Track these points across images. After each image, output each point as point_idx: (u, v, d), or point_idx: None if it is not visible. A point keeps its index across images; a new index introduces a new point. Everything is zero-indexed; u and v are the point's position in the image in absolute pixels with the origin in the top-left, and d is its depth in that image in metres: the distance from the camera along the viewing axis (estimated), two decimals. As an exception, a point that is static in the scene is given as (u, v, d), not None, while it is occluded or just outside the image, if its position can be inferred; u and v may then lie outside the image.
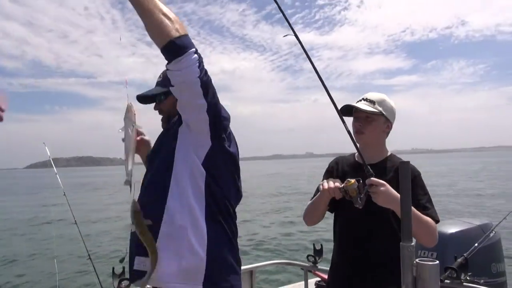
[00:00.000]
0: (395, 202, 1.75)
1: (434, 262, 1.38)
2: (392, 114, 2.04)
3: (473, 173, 39.74)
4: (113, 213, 18.10)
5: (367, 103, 2.01)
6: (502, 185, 24.91)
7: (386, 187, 1.77)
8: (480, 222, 3.41)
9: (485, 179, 30.35)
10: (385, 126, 2.03)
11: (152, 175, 1.74)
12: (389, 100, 2.05)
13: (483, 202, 17.13)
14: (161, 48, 1.57)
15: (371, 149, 2.04)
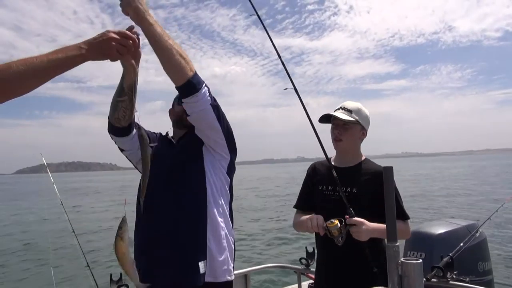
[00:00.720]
0: (375, 234, 1.93)
1: (418, 261, 1.46)
2: (367, 122, 2.21)
3: (461, 175, 40.06)
4: (109, 219, 17.97)
5: (344, 112, 2.15)
6: (489, 186, 25.15)
7: (366, 225, 1.91)
8: (466, 223, 3.50)
9: (473, 181, 30.60)
10: (360, 134, 2.20)
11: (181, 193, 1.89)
12: (364, 109, 2.20)
13: (471, 203, 17.30)
14: (178, 86, 1.78)
15: (347, 154, 2.21)
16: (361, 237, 1.91)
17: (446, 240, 3.14)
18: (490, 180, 30.84)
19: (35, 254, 10.99)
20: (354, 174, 2.13)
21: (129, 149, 2.02)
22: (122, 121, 1.87)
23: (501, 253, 7.65)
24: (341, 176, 2.10)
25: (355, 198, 2.04)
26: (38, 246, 12.06)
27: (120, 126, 1.89)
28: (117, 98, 1.80)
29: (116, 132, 1.94)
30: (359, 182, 2.09)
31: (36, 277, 8.82)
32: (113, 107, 1.84)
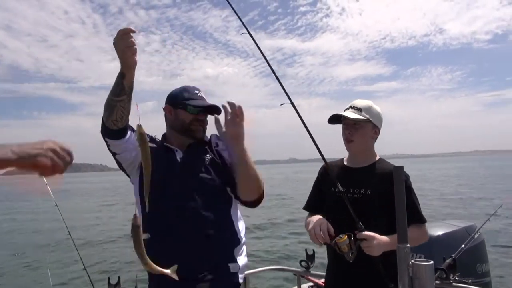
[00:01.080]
0: (388, 247, 1.84)
1: (429, 262, 1.45)
2: (379, 120, 2.11)
3: (453, 176, 40.39)
4: (103, 220, 17.82)
5: (354, 111, 2.07)
6: (480, 187, 25.41)
7: (377, 239, 1.82)
8: (464, 224, 3.51)
9: (465, 182, 30.88)
10: (373, 132, 2.10)
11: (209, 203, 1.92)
12: (375, 107, 2.11)
13: (465, 204, 17.43)
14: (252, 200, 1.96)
15: (361, 155, 2.12)
16: (373, 252, 1.82)
17: (446, 241, 3.15)
18: (482, 181, 31.18)
19: (31, 257, 10.86)
20: (368, 175, 2.05)
21: (122, 152, 1.92)
22: (119, 122, 1.77)
23: (497, 255, 7.72)
24: (354, 177, 2.05)
25: (370, 199, 1.97)
26: (33, 249, 11.89)
27: (116, 128, 1.78)
28: (115, 98, 1.71)
29: (112, 135, 1.82)
30: (372, 183, 2.01)
31: (32, 281, 8.71)
32: (110, 108, 1.74)
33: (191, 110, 1.98)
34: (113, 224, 16.62)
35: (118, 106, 1.72)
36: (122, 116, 1.76)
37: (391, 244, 1.82)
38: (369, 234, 1.82)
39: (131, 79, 1.70)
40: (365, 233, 1.82)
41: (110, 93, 1.72)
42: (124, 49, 1.59)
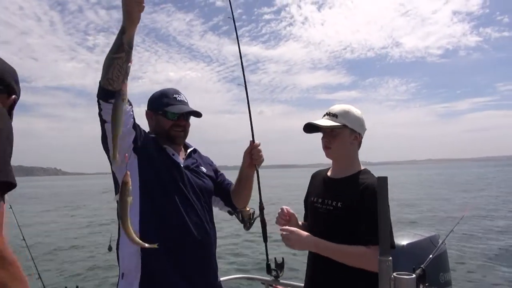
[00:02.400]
0: (312, 248, 1.87)
1: (411, 276, 1.44)
2: (358, 125, 2.02)
3: (409, 184, 41.60)
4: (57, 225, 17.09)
5: (329, 118, 2.01)
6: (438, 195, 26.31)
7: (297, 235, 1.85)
8: (428, 234, 3.56)
9: (423, 190, 31.89)
10: (352, 138, 2.01)
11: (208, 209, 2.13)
12: (354, 111, 2.03)
13: (425, 212, 17.98)
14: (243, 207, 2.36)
15: (341, 163, 2.05)
16: (290, 246, 1.85)
17: (412, 251, 3.17)
18: (438, 189, 32.29)
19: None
20: (343, 187, 1.97)
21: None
22: (115, 82, 1.69)
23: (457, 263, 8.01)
24: (331, 188, 2.01)
25: (339, 213, 1.90)
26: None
27: (111, 89, 1.70)
28: (113, 55, 1.64)
29: (106, 95, 1.73)
30: (345, 196, 1.92)
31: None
32: (107, 65, 1.67)
33: (170, 116, 1.99)
34: (68, 231, 15.90)
35: (115, 64, 1.65)
36: (118, 76, 1.67)
37: (319, 247, 1.84)
38: (290, 228, 1.86)
39: (132, 36, 1.64)
40: (286, 227, 1.88)
41: (110, 51, 1.65)
42: (133, 3, 1.55)
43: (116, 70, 1.66)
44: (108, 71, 1.67)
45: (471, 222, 13.19)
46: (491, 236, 11.76)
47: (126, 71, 1.66)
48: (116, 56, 1.64)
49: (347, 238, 1.85)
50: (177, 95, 2.08)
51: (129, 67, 1.66)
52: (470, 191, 29.63)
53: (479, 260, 8.90)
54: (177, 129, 2.03)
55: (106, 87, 1.71)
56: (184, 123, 2.05)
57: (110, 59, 1.66)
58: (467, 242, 10.49)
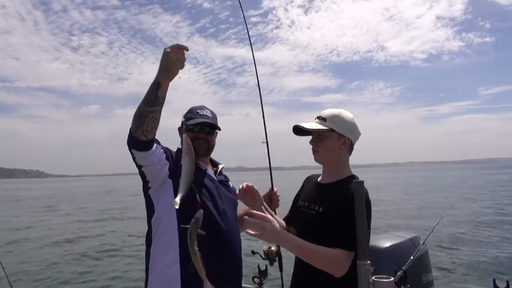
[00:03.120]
0: (284, 243, 1.75)
1: (389, 279, 1.44)
2: (347, 129, 1.96)
3: (393, 186, 42.06)
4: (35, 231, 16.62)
5: (319, 121, 1.97)
6: (419, 197, 26.63)
7: (272, 225, 1.69)
8: (410, 236, 3.60)
9: (405, 192, 32.20)
10: (340, 143, 1.96)
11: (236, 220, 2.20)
12: (343, 115, 1.97)
13: (407, 214, 18.14)
14: None
15: (330, 168, 2.01)
16: (260, 235, 1.68)
17: (394, 253, 3.20)
18: (420, 191, 32.68)
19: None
20: (328, 192, 1.93)
21: (148, 164, 1.92)
22: (149, 133, 1.78)
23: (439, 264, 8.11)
24: (317, 192, 1.99)
25: (320, 218, 1.87)
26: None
27: (146, 139, 1.79)
28: (149, 108, 1.71)
29: (140, 146, 1.82)
30: (328, 201, 1.88)
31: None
32: (141, 118, 1.73)
33: (190, 129, 2.08)
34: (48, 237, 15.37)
35: (150, 117, 1.73)
36: (152, 127, 1.77)
37: (291, 243, 1.73)
38: (264, 215, 1.71)
39: (166, 91, 1.73)
40: (259, 213, 1.73)
41: (143, 103, 1.72)
42: (176, 62, 1.66)
43: (151, 122, 1.74)
44: (143, 123, 1.73)
45: (452, 223, 13.37)
46: (472, 235, 11.97)
47: (159, 121, 1.77)
48: (152, 110, 1.72)
49: (325, 243, 1.79)
50: (201, 110, 2.17)
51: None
52: (450, 192, 30.09)
53: (461, 259, 9.03)
54: (198, 141, 2.09)
55: (140, 138, 1.77)
56: (203, 135, 2.12)
57: (145, 112, 1.72)
58: (448, 242, 10.63)
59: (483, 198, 24.49)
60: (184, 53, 1.69)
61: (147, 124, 1.74)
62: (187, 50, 1.69)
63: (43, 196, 47.15)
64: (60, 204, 31.51)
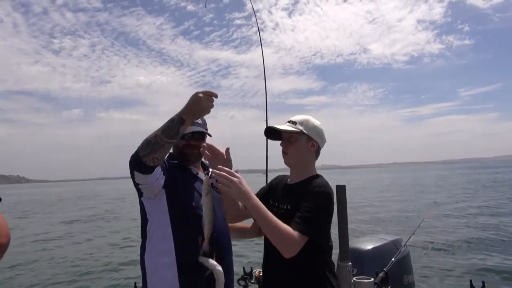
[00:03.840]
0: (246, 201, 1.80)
1: (369, 280, 1.50)
2: (315, 133, 2.11)
3: (375, 187, 42.35)
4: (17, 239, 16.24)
5: (289, 124, 2.12)
6: (402, 199, 26.84)
7: (242, 183, 1.78)
8: (392, 238, 3.67)
9: (387, 193, 32.41)
10: (309, 145, 2.10)
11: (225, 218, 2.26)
12: (312, 120, 2.14)
13: (390, 215, 18.23)
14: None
15: (297, 169, 2.14)
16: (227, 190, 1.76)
17: (376, 255, 3.26)
18: (403, 192, 32.94)
19: None
20: (294, 191, 2.06)
21: (147, 183, 1.99)
22: (158, 161, 1.87)
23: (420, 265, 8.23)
24: (285, 192, 2.11)
25: (288, 215, 1.93)
26: None
27: (153, 165, 1.87)
28: (167, 139, 1.81)
29: (145, 170, 1.89)
30: (295, 198, 1.98)
31: None
32: (156, 146, 1.81)
33: (182, 136, 2.12)
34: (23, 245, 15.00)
35: (166, 147, 1.83)
36: (163, 156, 1.88)
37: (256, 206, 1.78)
38: (233, 172, 1.79)
39: (186, 128, 1.87)
40: (229, 170, 1.80)
41: (162, 133, 1.80)
42: (206, 108, 1.80)
43: (164, 152, 1.84)
44: (156, 151, 1.81)
45: (433, 225, 13.56)
46: (452, 237, 12.15)
47: (169, 151, 1.90)
48: (169, 141, 1.82)
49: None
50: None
51: None
52: (432, 193, 30.45)
53: (441, 261, 9.18)
54: (189, 148, 2.20)
55: (149, 164, 1.84)
56: (194, 142, 2.19)
57: (162, 142, 1.80)
58: (429, 244, 10.78)
59: (465, 198, 24.86)
60: (213, 100, 1.81)
61: (159, 153, 1.82)
62: (217, 97, 1.81)
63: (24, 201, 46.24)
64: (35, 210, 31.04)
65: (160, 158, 1.85)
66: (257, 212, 1.79)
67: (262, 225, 1.81)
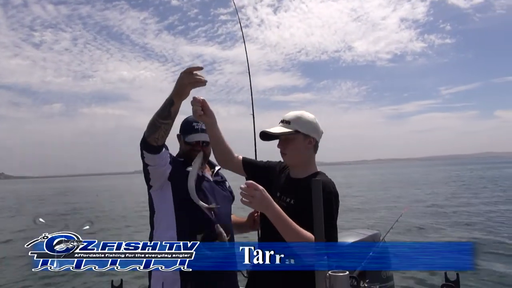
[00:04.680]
0: (271, 213, 1.80)
1: (345, 273, 1.53)
2: (311, 129, 2.07)
3: (358, 183, 42.75)
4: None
5: (283, 125, 2.07)
6: (383, 194, 27.17)
7: (264, 194, 1.78)
8: (370, 233, 3.73)
9: (369, 190, 32.75)
10: (306, 142, 2.06)
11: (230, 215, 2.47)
12: (306, 116, 2.08)
13: (370, 211, 18.48)
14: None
15: (297, 167, 2.11)
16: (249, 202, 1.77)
17: (354, 250, 3.30)
18: (384, 188, 33.33)
19: None
20: (298, 186, 2.03)
21: (154, 165, 2.17)
22: (159, 141, 2.07)
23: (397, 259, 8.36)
24: (290, 185, 2.08)
25: (292, 209, 1.95)
26: None
27: (156, 145, 2.08)
28: (161, 120, 2.00)
29: (150, 149, 2.10)
30: (299, 194, 1.99)
31: None
32: (154, 127, 2.03)
33: (188, 143, 2.36)
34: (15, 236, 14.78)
35: (162, 128, 2.03)
36: (163, 136, 2.07)
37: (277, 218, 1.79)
38: (255, 184, 1.77)
39: (178, 108, 2.00)
40: (251, 182, 1.79)
41: (157, 115, 2.01)
42: (188, 84, 1.92)
43: (162, 132, 2.04)
44: (155, 132, 2.03)
45: (411, 218, 13.78)
46: (429, 230, 12.39)
47: (169, 131, 2.07)
48: (164, 122, 2.01)
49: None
50: (196, 123, 2.37)
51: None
52: (412, 188, 30.93)
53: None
54: (193, 152, 2.35)
55: (151, 144, 2.07)
56: (199, 148, 2.35)
57: (158, 123, 2.01)
58: (407, 238, 10.97)
59: (445, 193, 25.31)
60: (197, 74, 1.90)
61: (158, 133, 2.03)
62: (201, 69, 1.91)
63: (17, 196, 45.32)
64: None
65: (160, 138, 2.06)
66: (281, 223, 1.82)
67: (284, 233, 1.81)
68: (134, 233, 14.07)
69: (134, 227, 15.52)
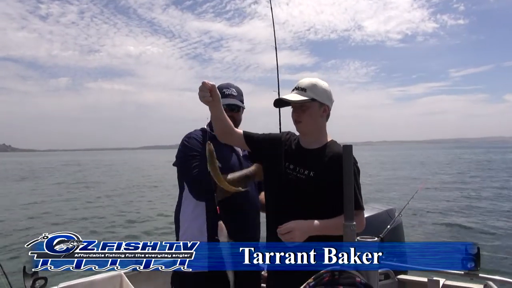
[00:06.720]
0: (314, 231, 1.82)
1: (373, 239, 1.50)
2: (326, 97, 2.03)
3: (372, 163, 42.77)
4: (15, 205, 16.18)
5: (298, 92, 2.00)
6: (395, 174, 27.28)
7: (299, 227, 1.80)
8: (386, 208, 3.73)
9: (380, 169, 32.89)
10: (321, 111, 2.02)
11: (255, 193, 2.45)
12: (321, 84, 2.03)
13: (381, 189, 18.62)
14: None
15: (311, 136, 2.06)
16: (295, 240, 1.77)
17: (371, 223, 3.29)
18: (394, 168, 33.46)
19: None
20: (315, 157, 1.99)
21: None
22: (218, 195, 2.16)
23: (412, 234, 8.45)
24: (304, 157, 2.02)
25: (313, 182, 1.92)
26: None
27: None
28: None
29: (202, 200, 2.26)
30: (318, 166, 1.95)
31: None
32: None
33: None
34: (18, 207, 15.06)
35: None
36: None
37: (320, 228, 1.82)
38: (288, 226, 1.80)
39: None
40: (284, 227, 1.80)
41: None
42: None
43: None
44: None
45: (425, 196, 13.87)
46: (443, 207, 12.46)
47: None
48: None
49: (314, 207, 1.89)
50: (227, 89, 2.40)
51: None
52: (424, 169, 30.96)
53: (433, 228, 9.44)
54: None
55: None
56: (229, 113, 2.22)
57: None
58: (421, 214, 11.05)
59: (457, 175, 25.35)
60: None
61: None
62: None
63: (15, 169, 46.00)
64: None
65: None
66: (324, 231, 1.83)
67: (335, 233, 1.79)
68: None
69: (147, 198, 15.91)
